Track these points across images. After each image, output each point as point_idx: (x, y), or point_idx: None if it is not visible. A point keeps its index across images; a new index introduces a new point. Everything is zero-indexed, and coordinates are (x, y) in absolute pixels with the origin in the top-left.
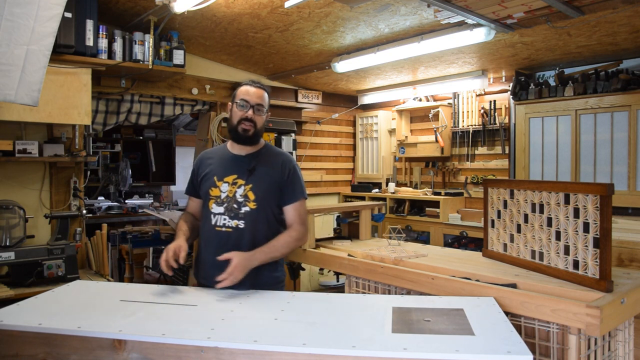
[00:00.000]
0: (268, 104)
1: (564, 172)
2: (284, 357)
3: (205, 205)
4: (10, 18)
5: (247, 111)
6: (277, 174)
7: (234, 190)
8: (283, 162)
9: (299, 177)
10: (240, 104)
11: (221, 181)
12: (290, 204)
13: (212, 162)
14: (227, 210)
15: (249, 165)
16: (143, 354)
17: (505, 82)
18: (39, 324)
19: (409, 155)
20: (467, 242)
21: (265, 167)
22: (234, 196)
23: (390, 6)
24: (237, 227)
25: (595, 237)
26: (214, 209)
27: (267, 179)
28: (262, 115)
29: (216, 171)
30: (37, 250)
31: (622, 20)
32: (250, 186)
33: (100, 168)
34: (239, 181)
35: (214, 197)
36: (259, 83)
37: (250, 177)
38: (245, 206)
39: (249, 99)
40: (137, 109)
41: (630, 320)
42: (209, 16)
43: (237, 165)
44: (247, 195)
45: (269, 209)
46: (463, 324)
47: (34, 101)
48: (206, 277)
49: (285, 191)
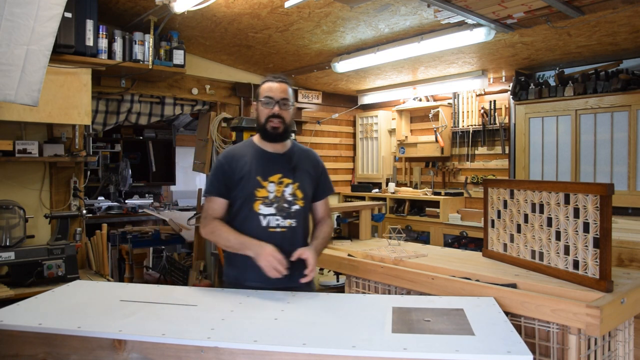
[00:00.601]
0: (293, 97)
1: (564, 172)
2: (284, 357)
3: (248, 207)
4: (10, 18)
5: (273, 107)
6: (313, 170)
7: (281, 189)
8: (314, 158)
9: (328, 173)
10: (265, 102)
11: (266, 181)
12: (323, 199)
13: (247, 161)
14: (278, 210)
15: (291, 164)
16: (143, 354)
17: (505, 82)
18: (39, 324)
19: (409, 155)
20: (467, 242)
21: (304, 165)
22: (282, 195)
23: (390, 6)
24: (291, 226)
25: (595, 237)
26: (262, 210)
27: (308, 176)
28: (289, 109)
29: (257, 171)
30: (37, 250)
31: (622, 20)
32: (297, 184)
33: (100, 168)
34: (285, 180)
35: (261, 198)
36: (281, 77)
37: (296, 175)
38: (295, 204)
39: (273, 95)
40: (137, 109)
41: (630, 320)
42: (209, 16)
43: (278, 163)
44: (295, 194)
45: (309, 205)
46: (463, 324)
47: (34, 101)
48: (261, 280)
49: (320, 186)
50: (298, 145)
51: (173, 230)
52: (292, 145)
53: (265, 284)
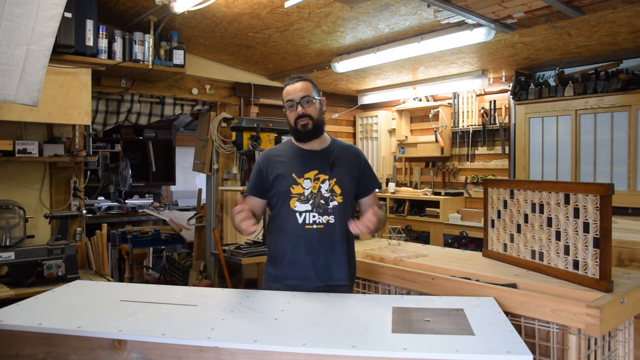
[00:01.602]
0: (316, 90)
1: (564, 172)
2: (284, 357)
3: (285, 204)
4: (10, 18)
5: (297, 109)
6: (355, 166)
7: (317, 185)
8: (357, 154)
9: (371, 168)
10: (288, 106)
11: (302, 178)
12: (369, 195)
13: (283, 160)
14: (314, 207)
15: (329, 160)
16: (143, 354)
17: (505, 82)
18: (39, 324)
19: (409, 155)
20: (467, 242)
21: (343, 160)
22: (318, 192)
23: (390, 6)
24: (328, 222)
25: (595, 237)
26: (297, 207)
27: (347, 171)
28: (314, 104)
29: (293, 168)
30: (37, 250)
31: (622, 20)
32: (334, 180)
33: (100, 168)
34: (321, 176)
35: (297, 195)
36: (299, 76)
37: (333, 171)
38: (333, 200)
39: (292, 97)
40: (137, 109)
41: (630, 320)
42: (209, 16)
43: (315, 160)
44: (333, 190)
45: (351, 202)
46: (463, 324)
47: (34, 101)
48: (299, 278)
49: (363, 182)
50: (338, 141)
51: (173, 230)
52: (331, 141)
53: (304, 282)
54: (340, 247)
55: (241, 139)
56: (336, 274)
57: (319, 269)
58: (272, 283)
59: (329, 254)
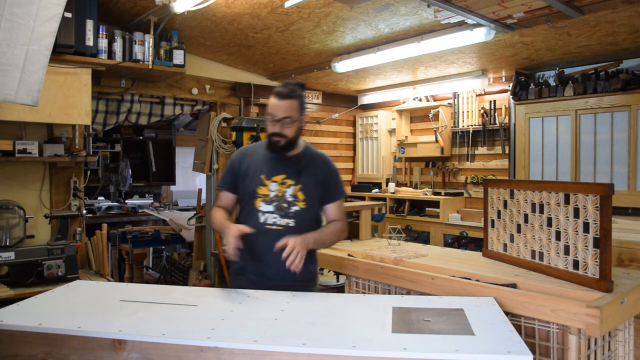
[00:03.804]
0: (299, 108)
1: (564, 172)
2: (284, 357)
3: (250, 202)
4: (10, 18)
5: (274, 126)
6: (322, 174)
7: (283, 189)
8: (326, 163)
9: (339, 176)
10: (269, 119)
11: (269, 180)
12: (333, 203)
13: (256, 160)
14: (277, 209)
15: (298, 166)
16: (143, 354)
17: (505, 82)
18: (39, 324)
19: (409, 155)
20: (467, 242)
21: (312, 168)
22: (283, 195)
23: (390, 6)
24: (288, 225)
25: (595, 237)
26: (262, 207)
27: (314, 179)
28: (291, 126)
29: (262, 169)
30: (37, 250)
31: (622, 20)
32: (299, 186)
33: (100, 168)
34: (287, 181)
35: (262, 196)
36: (287, 90)
37: (300, 178)
38: (295, 205)
39: (275, 113)
40: (137, 109)
41: (630, 320)
42: (209, 16)
43: (285, 165)
44: (296, 195)
45: (315, 208)
46: (463, 324)
47: (34, 101)
48: (257, 274)
49: (328, 190)
50: (311, 149)
51: (173, 230)
52: (304, 148)
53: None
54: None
55: (241, 139)
56: (289, 275)
57: (275, 269)
58: (236, 276)
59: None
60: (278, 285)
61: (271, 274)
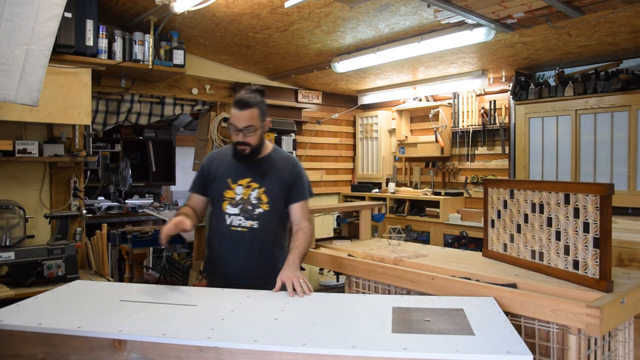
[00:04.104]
0: (260, 115)
1: (564, 172)
2: (284, 357)
3: (218, 205)
4: (10, 18)
5: (238, 135)
6: (286, 176)
7: (248, 192)
8: (291, 164)
9: (305, 177)
10: (231, 129)
11: (235, 184)
12: (297, 203)
13: (224, 164)
14: (242, 212)
15: (262, 170)
16: (143, 354)
17: (505, 82)
18: (39, 324)
19: (409, 155)
20: (467, 242)
21: (276, 171)
22: (248, 198)
23: (390, 6)
24: (252, 227)
25: (595, 237)
26: (228, 209)
27: (278, 182)
28: (254, 134)
29: (229, 173)
30: (37, 250)
31: (622, 20)
32: (263, 189)
33: (100, 168)
34: (252, 184)
35: (229, 199)
36: (246, 99)
37: (264, 181)
38: (259, 208)
39: (236, 124)
40: (137, 109)
41: (630, 320)
42: (209, 16)
43: (251, 168)
44: (260, 198)
45: (279, 209)
46: (463, 324)
47: (34, 101)
48: (223, 272)
49: (292, 191)
50: (278, 151)
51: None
52: (271, 151)
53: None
54: (259, 250)
55: None
56: (253, 274)
57: (239, 268)
58: (209, 273)
59: (246, 256)
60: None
61: (234, 273)
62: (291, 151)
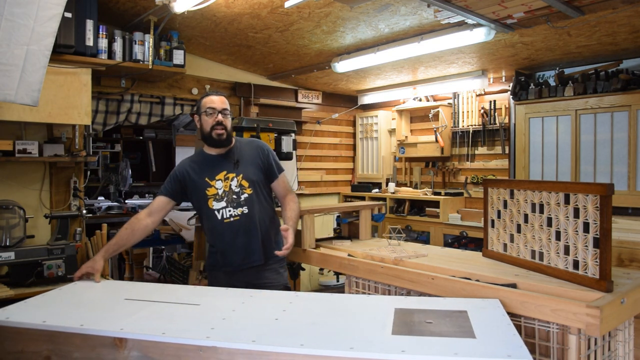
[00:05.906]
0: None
1: (564, 172)
2: (282, 357)
3: (204, 206)
4: (10, 18)
5: (217, 116)
6: (258, 157)
7: (228, 184)
8: (256, 146)
9: (273, 153)
10: (208, 112)
11: (214, 180)
12: (277, 179)
13: (196, 169)
14: (229, 203)
15: (233, 160)
16: (143, 352)
17: (505, 82)
18: (43, 321)
19: (409, 155)
20: (467, 242)
21: (247, 156)
22: (230, 189)
23: (390, 6)
24: (243, 212)
25: (595, 237)
26: (215, 205)
27: (251, 165)
28: (229, 118)
29: (205, 174)
30: (37, 250)
31: (622, 20)
32: (241, 176)
33: (100, 168)
34: (229, 175)
35: (212, 196)
36: (219, 91)
37: (238, 168)
38: (243, 194)
39: (215, 106)
40: (137, 109)
41: (630, 320)
42: (209, 16)
43: (222, 162)
44: (242, 184)
45: (261, 190)
46: (465, 326)
47: (34, 101)
48: (230, 264)
49: (270, 170)
50: (240, 140)
51: (173, 230)
52: (234, 142)
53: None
54: (255, 232)
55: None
56: (253, 256)
57: (241, 255)
58: (211, 272)
59: (246, 240)
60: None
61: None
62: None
